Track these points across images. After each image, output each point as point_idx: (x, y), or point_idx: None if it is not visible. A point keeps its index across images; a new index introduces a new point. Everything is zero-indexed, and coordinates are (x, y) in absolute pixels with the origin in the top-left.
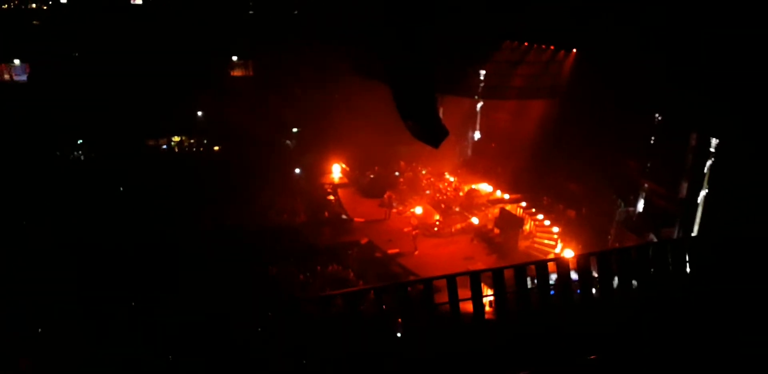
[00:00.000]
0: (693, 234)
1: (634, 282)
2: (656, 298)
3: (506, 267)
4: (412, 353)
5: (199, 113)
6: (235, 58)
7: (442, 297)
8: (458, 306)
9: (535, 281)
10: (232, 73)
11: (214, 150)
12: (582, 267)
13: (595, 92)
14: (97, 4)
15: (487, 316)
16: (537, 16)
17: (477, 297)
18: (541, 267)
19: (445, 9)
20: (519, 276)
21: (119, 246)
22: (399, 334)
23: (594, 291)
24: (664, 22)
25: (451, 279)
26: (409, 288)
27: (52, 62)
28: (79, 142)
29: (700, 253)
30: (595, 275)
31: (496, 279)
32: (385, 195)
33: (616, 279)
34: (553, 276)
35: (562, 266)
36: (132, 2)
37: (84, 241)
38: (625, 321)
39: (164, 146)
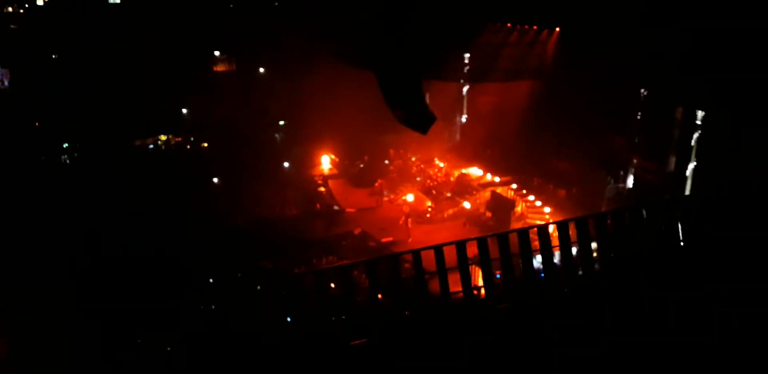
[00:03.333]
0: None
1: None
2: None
3: (489, 236)
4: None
5: (184, 111)
6: (217, 53)
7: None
8: (446, 276)
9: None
10: (215, 69)
11: (201, 147)
12: (562, 233)
13: (581, 71)
14: (74, 5)
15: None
16: None
17: (463, 265)
18: (523, 235)
19: None
20: (503, 245)
21: (110, 247)
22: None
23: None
24: None
25: (439, 250)
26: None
27: (33, 66)
28: (65, 146)
29: (674, 214)
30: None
31: (481, 247)
32: (376, 184)
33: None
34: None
35: (543, 233)
36: (110, 1)
37: (75, 243)
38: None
39: (151, 146)
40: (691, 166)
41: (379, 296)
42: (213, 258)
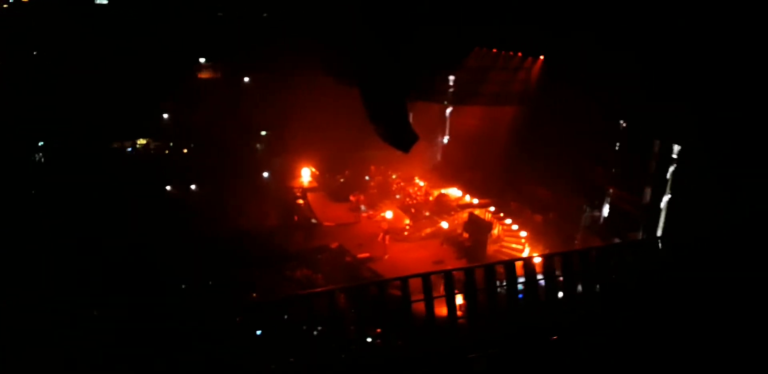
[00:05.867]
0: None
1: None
2: (614, 294)
3: (477, 267)
4: (388, 353)
5: (165, 115)
6: (202, 60)
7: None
8: (432, 305)
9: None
10: (199, 76)
11: (181, 153)
12: (546, 267)
13: (563, 98)
14: (60, 3)
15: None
16: (506, 25)
17: (450, 294)
18: (509, 266)
19: (426, 19)
20: (489, 275)
21: (81, 254)
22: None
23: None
24: (628, 30)
25: (426, 278)
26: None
27: (12, 63)
28: (39, 145)
29: (657, 253)
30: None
31: (468, 277)
32: (351, 198)
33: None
34: (521, 280)
35: (528, 266)
36: (96, 2)
37: (47, 250)
38: (585, 314)
39: (129, 149)
40: (666, 198)
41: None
42: (187, 268)
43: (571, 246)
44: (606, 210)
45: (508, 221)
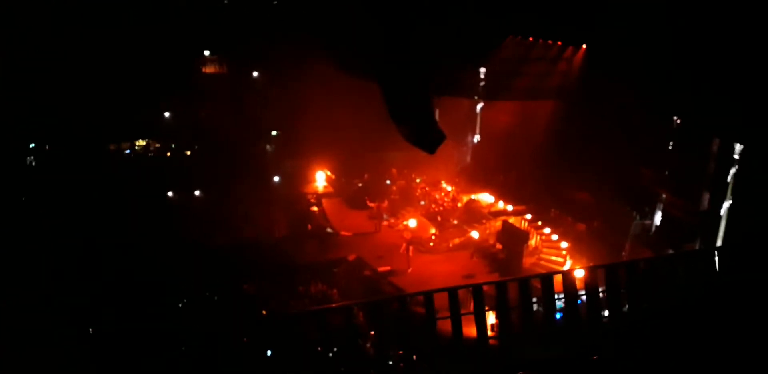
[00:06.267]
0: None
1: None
2: (666, 313)
3: (510, 281)
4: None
5: (167, 114)
6: (207, 52)
7: None
8: (460, 323)
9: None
10: (203, 70)
11: (184, 155)
12: (589, 281)
13: (608, 93)
14: None
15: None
16: (543, 10)
17: (480, 311)
18: (547, 280)
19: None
20: (523, 290)
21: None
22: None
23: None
24: (683, 15)
25: (453, 293)
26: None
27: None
28: (31, 146)
29: (716, 266)
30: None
31: (500, 292)
32: (374, 206)
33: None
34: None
35: (568, 281)
36: None
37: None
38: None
39: (127, 151)
40: (726, 204)
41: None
42: (189, 281)
43: (617, 258)
44: (658, 218)
45: (547, 230)
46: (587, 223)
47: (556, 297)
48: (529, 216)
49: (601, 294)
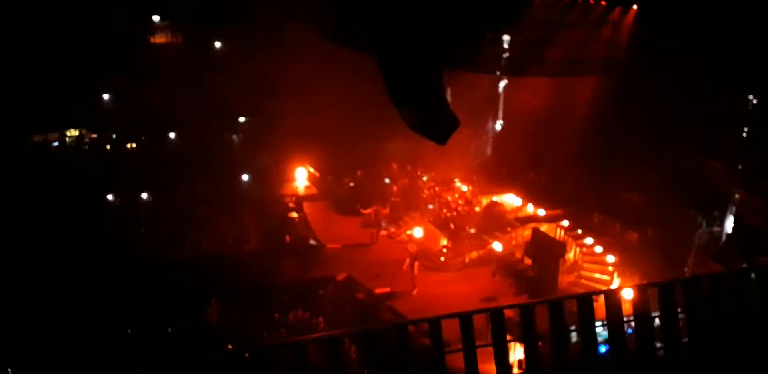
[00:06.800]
0: None
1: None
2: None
3: (539, 303)
4: None
5: (106, 96)
6: (156, 18)
7: None
8: (475, 355)
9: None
10: (152, 40)
11: (127, 148)
12: (639, 304)
13: (665, 66)
14: None
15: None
16: None
17: (500, 342)
18: (585, 303)
19: None
20: (556, 315)
21: None
22: None
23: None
24: None
25: (466, 319)
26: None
27: None
28: None
29: None
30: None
31: (526, 317)
32: (370, 211)
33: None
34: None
35: (612, 302)
36: None
37: None
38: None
39: (55, 143)
40: None
41: None
42: (132, 309)
43: (679, 274)
44: (729, 224)
45: (589, 241)
46: (640, 231)
47: (598, 324)
48: (566, 223)
49: (655, 321)
